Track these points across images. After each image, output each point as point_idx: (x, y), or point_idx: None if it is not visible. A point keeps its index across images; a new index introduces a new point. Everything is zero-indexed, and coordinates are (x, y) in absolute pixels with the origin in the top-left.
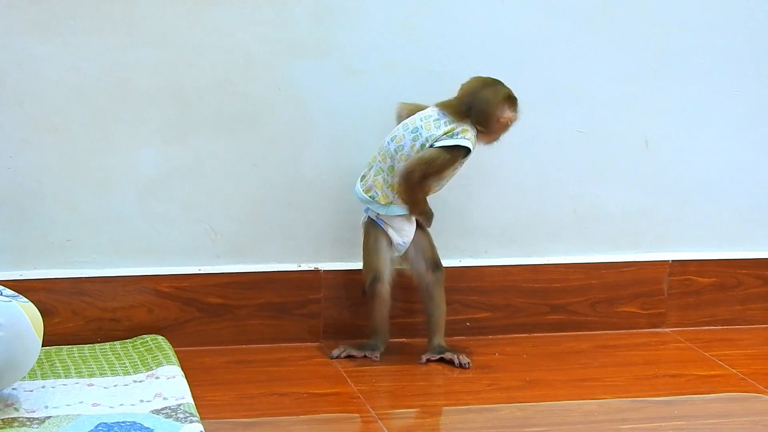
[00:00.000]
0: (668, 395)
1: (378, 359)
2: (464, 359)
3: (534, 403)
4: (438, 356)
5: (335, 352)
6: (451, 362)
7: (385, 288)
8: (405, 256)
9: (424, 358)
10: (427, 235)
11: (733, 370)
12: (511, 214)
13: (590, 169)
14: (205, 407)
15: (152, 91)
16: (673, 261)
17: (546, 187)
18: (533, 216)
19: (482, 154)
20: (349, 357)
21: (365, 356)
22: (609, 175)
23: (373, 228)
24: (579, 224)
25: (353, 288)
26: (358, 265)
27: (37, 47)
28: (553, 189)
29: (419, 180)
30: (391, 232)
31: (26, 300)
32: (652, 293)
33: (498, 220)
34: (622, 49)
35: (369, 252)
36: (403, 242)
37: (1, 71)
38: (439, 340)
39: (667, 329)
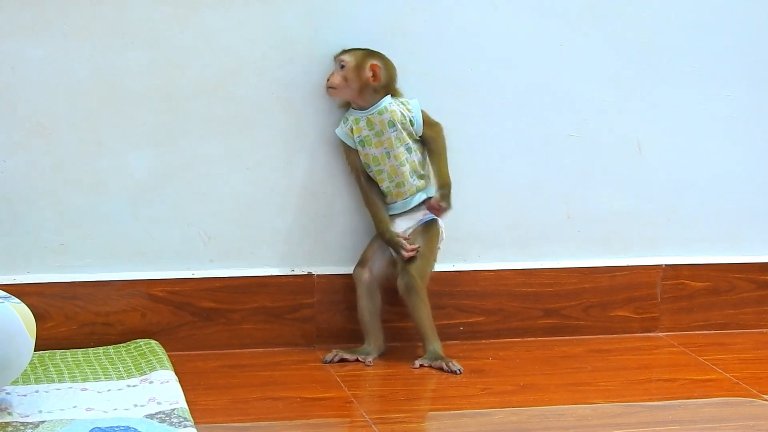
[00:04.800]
0: (662, 400)
1: (371, 364)
2: (454, 366)
3: (528, 408)
4: (428, 363)
5: (328, 357)
6: (440, 369)
7: (364, 275)
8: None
9: (417, 363)
10: (424, 242)
11: (727, 375)
12: (503, 219)
13: (583, 173)
14: (198, 412)
15: (144, 94)
16: (666, 265)
17: (539, 191)
18: (526, 220)
19: (474, 158)
20: (342, 361)
21: (357, 360)
22: (602, 179)
23: None
24: (572, 228)
25: (346, 292)
26: (351, 269)
27: (29, 50)
28: (546, 193)
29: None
30: None
31: (19, 301)
32: (646, 297)
33: (491, 225)
34: (614, 53)
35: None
36: None
37: None
38: (432, 346)
39: (660, 333)
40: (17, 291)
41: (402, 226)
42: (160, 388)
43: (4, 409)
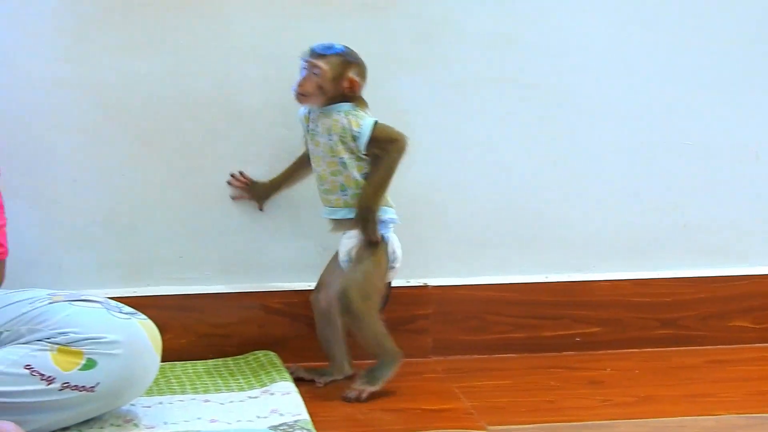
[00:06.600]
0: None
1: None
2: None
3: (650, 419)
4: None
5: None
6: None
7: (320, 301)
8: None
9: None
10: (365, 258)
11: None
12: (618, 229)
13: (699, 181)
14: (319, 423)
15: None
16: None
17: (654, 200)
18: (641, 230)
19: (588, 168)
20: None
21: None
22: (718, 187)
23: None
24: (688, 237)
25: (461, 303)
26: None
27: (141, 64)
28: (662, 202)
29: None
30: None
31: (145, 317)
32: (764, 307)
33: (606, 235)
34: (731, 61)
35: None
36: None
37: (105, 88)
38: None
39: None
40: (137, 303)
41: (347, 245)
42: (281, 399)
43: (130, 420)
